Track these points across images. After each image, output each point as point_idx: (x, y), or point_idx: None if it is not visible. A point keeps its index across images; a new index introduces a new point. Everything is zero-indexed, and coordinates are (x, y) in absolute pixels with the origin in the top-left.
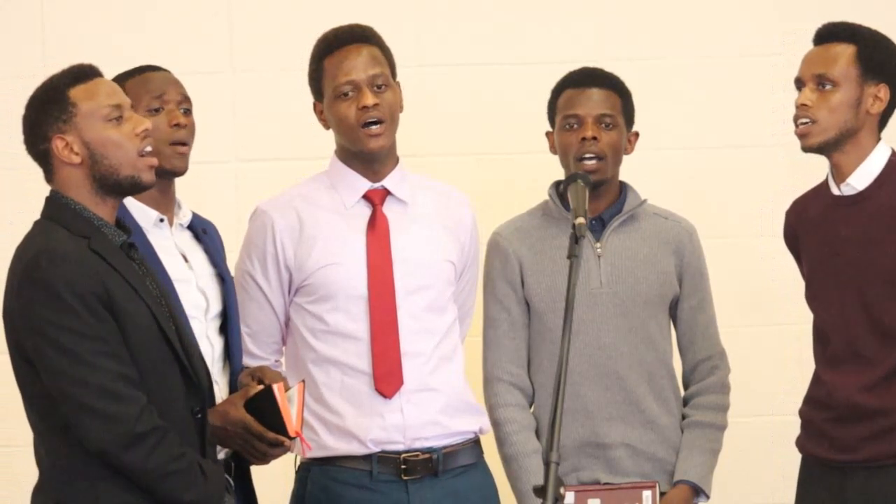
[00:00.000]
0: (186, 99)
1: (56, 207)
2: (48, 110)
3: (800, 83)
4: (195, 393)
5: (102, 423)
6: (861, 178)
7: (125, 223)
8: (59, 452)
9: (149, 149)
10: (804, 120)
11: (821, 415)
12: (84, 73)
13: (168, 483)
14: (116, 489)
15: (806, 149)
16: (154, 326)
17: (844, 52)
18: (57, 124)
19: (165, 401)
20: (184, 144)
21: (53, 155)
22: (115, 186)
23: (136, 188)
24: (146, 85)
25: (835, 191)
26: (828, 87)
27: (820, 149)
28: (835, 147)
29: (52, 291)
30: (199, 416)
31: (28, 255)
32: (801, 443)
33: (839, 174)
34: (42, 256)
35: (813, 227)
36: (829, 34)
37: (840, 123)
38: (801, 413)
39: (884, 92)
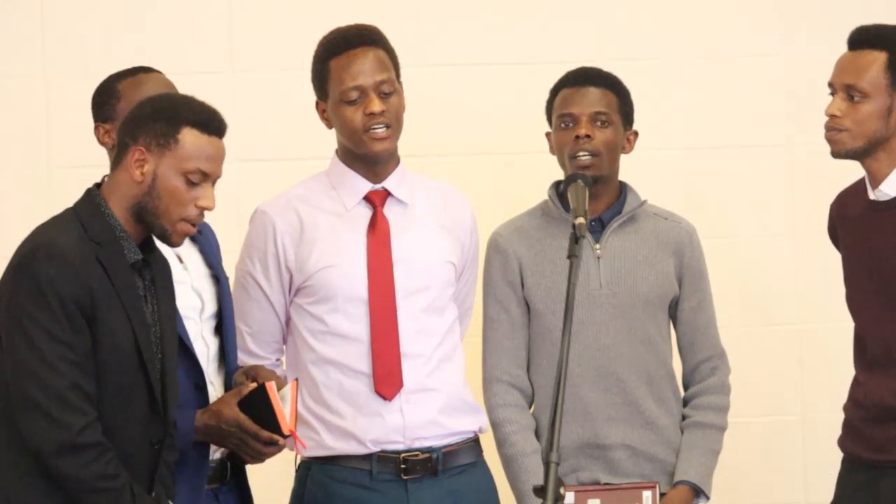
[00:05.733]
0: None
1: (88, 204)
2: (155, 124)
3: (832, 88)
4: (158, 424)
5: (46, 425)
6: (893, 184)
7: (153, 244)
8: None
9: (194, 222)
10: (833, 127)
11: (858, 414)
12: (211, 124)
13: (93, 499)
14: (37, 491)
15: (835, 156)
16: (132, 350)
17: (875, 61)
18: (152, 140)
19: (122, 424)
20: None
21: (126, 155)
22: (147, 225)
23: (162, 238)
24: (139, 88)
25: (870, 195)
26: (857, 97)
27: (848, 156)
28: (865, 154)
29: (37, 286)
30: (157, 447)
31: (33, 243)
32: (841, 442)
33: (873, 179)
34: (41, 249)
35: (850, 228)
36: (861, 40)
37: (869, 133)
38: (844, 411)
39: None
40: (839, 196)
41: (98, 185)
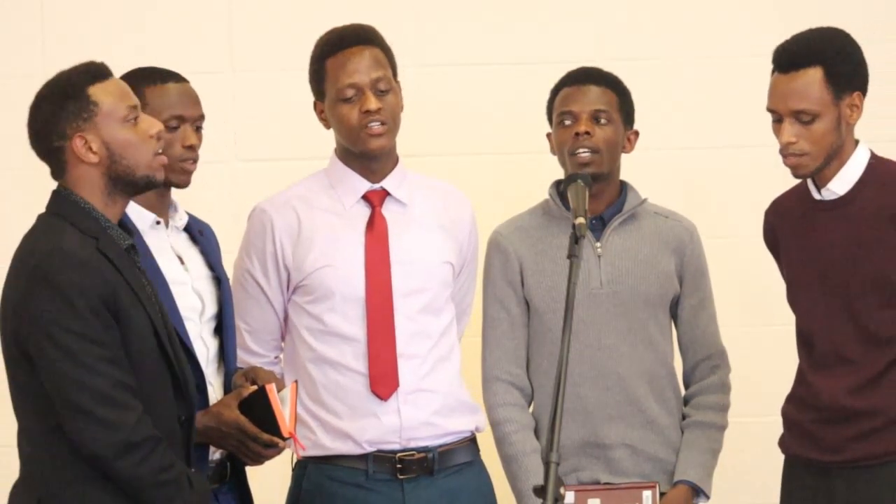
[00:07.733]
0: (202, 116)
1: (65, 204)
2: (66, 107)
3: (775, 115)
4: (183, 400)
5: (99, 429)
6: (841, 182)
7: (127, 225)
8: (47, 450)
9: (160, 150)
10: (793, 153)
11: (807, 416)
12: (101, 72)
13: (156, 493)
14: (101, 493)
15: (800, 178)
16: (151, 333)
17: (814, 80)
18: (76, 122)
19: (157, 409)
20: (193, 161)
21: (70, 152)
22: (130, 186)
23: (149, 187)
24: (166, 98)
25: (815, 194)
26: (807, 119)
27: (813, 175)
28: (826, 167)
29: (62, 294)
30: (185, 423)
31: (39, 252)
32: (784, 443)
33: (820, 179)
34: (55, 256)
35: (793, 230)
36: (792, 62)
37: (828, 148)
38: (785, 413)
39: (858, 98)
40: (774, 203)
41: (57, 192)
